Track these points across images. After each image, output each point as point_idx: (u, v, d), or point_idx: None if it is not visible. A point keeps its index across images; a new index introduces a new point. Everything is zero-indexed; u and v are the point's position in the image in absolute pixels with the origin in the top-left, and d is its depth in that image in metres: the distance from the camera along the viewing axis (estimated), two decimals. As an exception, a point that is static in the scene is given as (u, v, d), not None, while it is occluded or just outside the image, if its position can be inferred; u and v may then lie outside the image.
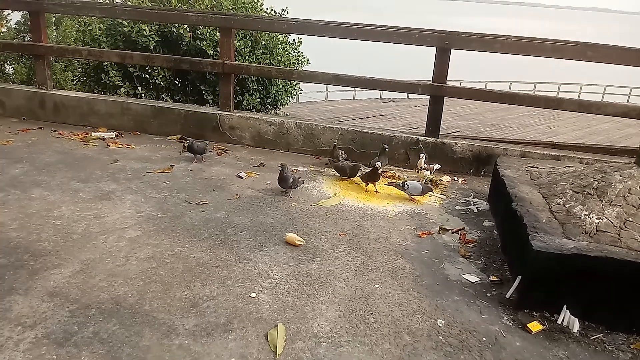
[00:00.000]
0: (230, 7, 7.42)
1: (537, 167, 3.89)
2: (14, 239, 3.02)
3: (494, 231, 3.59)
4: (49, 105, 5.50)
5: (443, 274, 3.00)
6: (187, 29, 6.88)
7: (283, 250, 3.13)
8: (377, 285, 2.82)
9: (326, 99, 23.06)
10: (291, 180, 3.90)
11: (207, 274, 2.80)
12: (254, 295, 2.64)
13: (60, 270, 2.74)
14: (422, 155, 4.56)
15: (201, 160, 4.54)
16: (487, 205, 4.03)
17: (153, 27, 6.89)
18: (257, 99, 7.30)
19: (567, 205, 3.03)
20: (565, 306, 2.60)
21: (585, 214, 2.89)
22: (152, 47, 6.84)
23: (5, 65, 13.63)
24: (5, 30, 13.72)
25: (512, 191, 3.36)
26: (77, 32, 8.45)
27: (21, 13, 13.18)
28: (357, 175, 4.30)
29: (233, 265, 2.91)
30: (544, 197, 3.26)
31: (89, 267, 2.79)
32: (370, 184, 4.16)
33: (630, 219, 2.81)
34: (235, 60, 5.36)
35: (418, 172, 4.51)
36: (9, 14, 13.76)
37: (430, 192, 4.04)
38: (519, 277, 2.75)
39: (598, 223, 2.81)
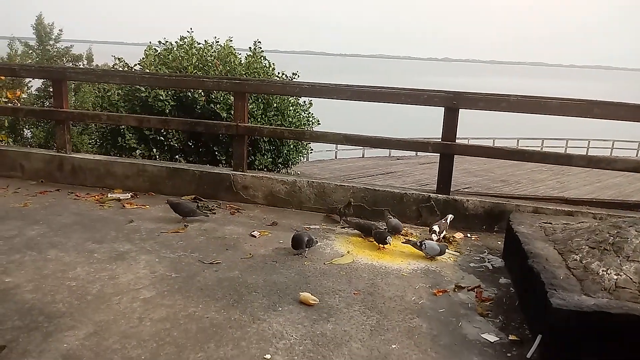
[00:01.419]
0: (244, 72, 7.73)
1: (550, 223, 3.88)
2: (29, 301, 3.03)
3: (511, 288, 3.54)
4: (67, 167, 5.64)
5: (461, 334, 2.94)
6: (202, 93, 7.14)
7: (297, 310, 3.09)
8: (394, 346, 2.76)
9: (336, 158, 23.40)
10: (306, 239, 3.90)
11: (221, 335, 2.77)
12: (268, 356, 2.60)
13: (74, 332, 2.73)
14: (448, 217, 4.53)
15: (190, 222, 4.52)
16: (502, 262, 3.99)
17: (169, 92, 7.16)
18: (269, 159, 7.45)
19: (584, 262, 3.00)
20: (589, 366, 2.52)
21: (603, 270, 2.85)
22: (167, 110, 7.08)
23: (24, 129, 14.11)
24: (25, 96, 14.32)
25: (527, 247, 3.34)
26: (95, 98, 8.80)
27: (41, 80, 13.78)
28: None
29: (247, 326, 2.88)
30: (559, 254, 3.23)
31: (102, 329, 2.78)
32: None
33: (649, 275, 2.77)
34: (248, 122, 5.51)
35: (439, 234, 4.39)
36: (29, 81, 14.43)
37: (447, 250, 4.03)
38: (540, 336, 2.69)
39: (617, 279, 2.77)
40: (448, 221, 4.46)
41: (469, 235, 4.58)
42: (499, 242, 4.33)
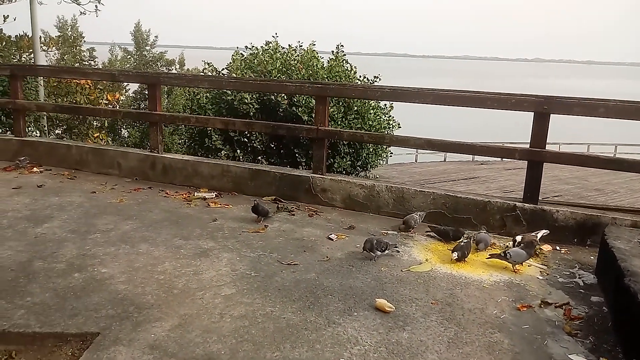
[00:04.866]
0: (326, 76, 7.81)
1: (651, 239, 3.56)
2: (121, 291, 3.25)
3: (604, 307, 3.29)
4: (158, 166, 5.99)
5: (546, 353, 2.77)
6: (285, 96, 7.31)
7: (372, 316, 3.07)
8: (472, 360, 2.67)
9: (416, 161, 23.00)
10: (374, 243, 3.85)
11: (297, 336, 2.81)
12: (342, 361, 2.60)
13: (161, 324, 2.88)
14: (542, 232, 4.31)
15: (260, 221, 4.63)
16: (595, 279, 3.72)
17: (254, 96, 7.40)
18: (348, 162, 7.48)
19: (690, 283, 2.73)
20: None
21: None
22: (252, 113, 7.32)
23: (122, 129, 15.20)
24: (123, 98, 15.43)
25: (624, 265, 3.09)
26: (185, 100, 9.30)
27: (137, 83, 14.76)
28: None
29: (322, 329, 2.90)
30: (661, 273, 2.96)
31: (186, 322, 2.91)
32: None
33: None
34: (329, 125, 5.56)
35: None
36: (127, 84, 15.54)
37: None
38: (636, 362, 2.48)
39: None
40: (539, 235, 4.21)
41: (557, 248, 4.32)
42: (592, 257, 4.04)
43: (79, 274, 3.47)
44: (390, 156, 10.48)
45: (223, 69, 8.63)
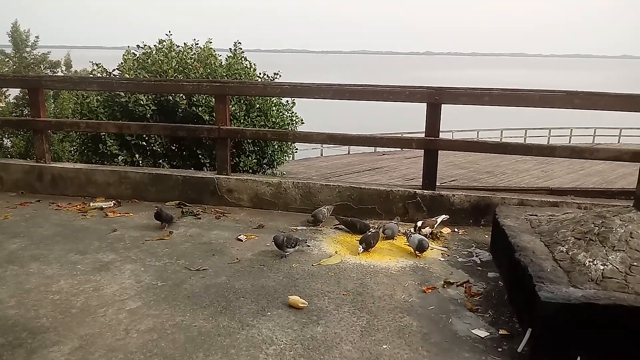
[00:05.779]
0: (225, 74, 7.65)
1: (536, 215, 3.89)
2: (11, 317, 2.96)
3: (499, 282, 3.55)
4: (47, 177, 5.53)
5: (451, 330, 2.93)
6: (183, 96, 7.06)
7: (286, 313, 3.06)
8: (384, 346, 2.75)
9: (322, 155, 23.37)
10: (284, 240, 3.85)
11: (210, 344, 2.73)
12: (258, 363, 2.57)
13: (59, 348, 2.67)
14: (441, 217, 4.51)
15: (164, 228, 4.47)
16: (490, 256, 4.00)
17: (150, 97, 7.06)
18: (254, 160, 7.38)
19: (570, 253, 3.01)
20: (579, 358, 2.52)
21: (589, 261, 2.86)
22: (149, 115, 6.98)
23: (4, 139, 13.85)
24: (4, 105, 14.07)
25: (514, 241, 3.35)
26: (74, 104, 8.65)
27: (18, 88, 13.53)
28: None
29: (236, 333, 2.84)
30: (546, 246, 3.24)
31: (88, 343, 2.72)
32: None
33: (635, 264, 2.78)
34: (231, 124, 5.45)
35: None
36: (7, 89, 14.19)
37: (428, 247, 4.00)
38: (529, 329, 2.69)
39: (603, 269, 2.78)
40: (438, 220, 4.43)
41: (456, 230, 4.58)
42: (486, 236, 4.34)
43: (-42, 303, 3.12)
44: (296, 152, 10.49)
45: (114, 70, 8.13)
